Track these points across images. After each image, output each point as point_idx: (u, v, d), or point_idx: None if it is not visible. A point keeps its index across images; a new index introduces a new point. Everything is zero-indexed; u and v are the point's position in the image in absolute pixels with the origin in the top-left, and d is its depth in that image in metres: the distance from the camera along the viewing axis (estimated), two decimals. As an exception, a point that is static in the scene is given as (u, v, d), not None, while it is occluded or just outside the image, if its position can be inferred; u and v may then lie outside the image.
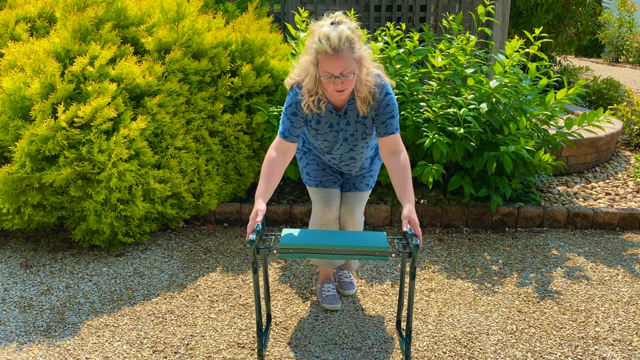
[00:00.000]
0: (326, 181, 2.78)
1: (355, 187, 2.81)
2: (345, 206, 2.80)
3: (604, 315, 2.87)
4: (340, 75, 2.28)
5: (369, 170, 2.83)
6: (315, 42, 2.28)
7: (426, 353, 2.54)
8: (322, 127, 2.57)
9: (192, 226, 3.86)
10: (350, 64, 2.27)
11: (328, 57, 2.25)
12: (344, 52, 2.24)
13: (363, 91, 2.41)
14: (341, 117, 2.54)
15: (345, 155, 2.69)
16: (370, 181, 2.84)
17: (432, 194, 4.18)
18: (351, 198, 2.80)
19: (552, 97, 3.79)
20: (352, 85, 2.35)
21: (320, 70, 2.31)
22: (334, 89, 2.34)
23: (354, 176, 2.83)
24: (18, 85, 3.19)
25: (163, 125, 3.53)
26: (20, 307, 2.87)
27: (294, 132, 2.51)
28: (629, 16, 12.92)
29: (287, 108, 2.50)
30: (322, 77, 2.32)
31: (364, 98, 2.43)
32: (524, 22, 7.24)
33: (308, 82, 2.40)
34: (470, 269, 3.33)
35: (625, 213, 3.91)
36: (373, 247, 2.31)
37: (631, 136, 5.87)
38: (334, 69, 2.27)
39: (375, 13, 5.56)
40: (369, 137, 2.62)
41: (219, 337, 2.63)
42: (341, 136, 2.59)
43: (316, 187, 2.78)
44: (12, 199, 3.22)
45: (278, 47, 4.26)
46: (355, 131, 2.57)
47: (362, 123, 2.55)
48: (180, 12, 3.78)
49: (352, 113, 2.52)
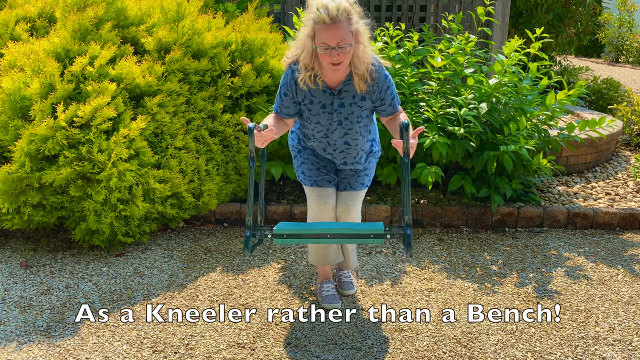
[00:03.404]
0: (321, 180, 2.77)
1: (351, 187, 2.80)
2: (341, 205, 2.80)
3: (604, 315, 2.86)
4: (336, 47, 2.29)
5: (364, 169, 2.82)
6: (313, 12, 2.29)
7: (426, 353, 2.54)
8: (314, 108, 2.57)
9: (192, 226, 3.86)
10: (347, 35, 2.29)
11: (325, 26, 2.26)
12: (341, 22, 2.26)
13: (361, 68, 2.42)
14: (335, 97, 2.53)
15: (340, 141, 2.66)
16: (365, 180, 2.83)
17: (432, 194, 4.18)
18: (347, 197, 2.80)
19: (553, 97, 3.79)
20: (348, 59, 2.36)
21: (317, 41, 2.32)
22: (329, 61, 2.34)
23: (350, 175, 2.81)
24: (18, 85, 3.19)
25: (163, 125, 3.53)
26: (20, 307, 2.87)
27: (284, 110, 2.60)
28: (629, 16, 12.92)
29: (281, 87, 2.57)
30: (318, 49, 2.33)
31: (361, 75, 2.45)
32: (524, 22, 7.24)
33: (304, 56, 2.42)
34: (470, 269, 3.33)
35: (625, 213, 3.91)
36: (368, 229, 2.33)
37: (631, 136, 5.87)
38: (331, 40, 2.28)
39: (375, 13, 5.56)
40: (364, 121, 2.61)
41: (219, 337, 2.63)
42: (335, 118, 2.58)
43: (311, 187, 2.78)
44: (12, 198, 3.22)
45: (278, 47, 4.26)
46: (350, 114, 2.57)
47: (357, 105, 2.55)
48: (180, 12, 3.78)
49: (347, 94, 2.52)
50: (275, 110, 2.63)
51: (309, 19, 2.33)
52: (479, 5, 5.43)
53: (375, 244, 2.41)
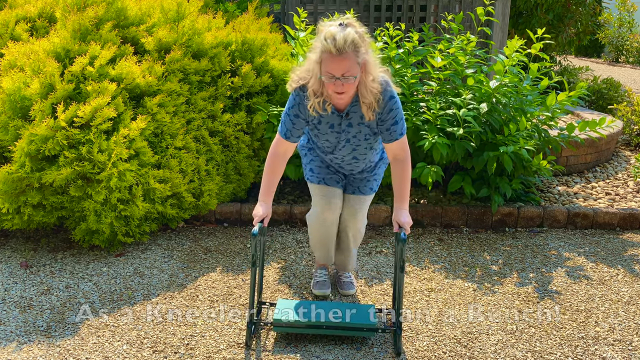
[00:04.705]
0: (329, 179, 2.77)
1: (360, 191, 2.81)
2: (348, 209, 2.80)
3: (604, 315, 2.86)
4: (341, 77, 2.29)
5: (373, 175, 2.82)
6: (321, 41, 2.30)
7: (426, 353, 2.54)
8: (323, 127, 2.57)
9: (192, 226, 3.86)
10: (352, 67, 2.28)
11: (331, 56, 2.26)
12: (347, 54, 2.25)
13: (368, 97, 2.40)
14: (343, 118, 2.54)
15: (348, 157, 2.69)
16: (374, 185, 2.84)
17: (432, 194, 4.18)
18: (354, 201, 2.80)
19: (553, 98, 3.79)
20: (353, 89, 2.37)
21: (323, 70, 2.32)
22: (334, 90, 2.34)
23: (358, 179, 2.82)
24: (18, 85, 3.19)
25: (163, 125, 3.53)
26: (20, 307, 2.87)
27: (295, 133, 2.55)
28: (629, 16, 12.92)
29: (290, 109, 2.51)
30: (323, 77, 2.33)
31: (369, 104, 2.43)
32: (524, 22, 7.24)
33: (313, 82, 2.41)
34: (470, 269, 3.33)
35: (625, 213, 3.91)
36: (362, 323, 2.56)
37: (631, 136, 5.87)
38: (336, 70, 2.28)
39: (375, 13, 5.56)
40: (372, 139, 2.60)
41: (219, 337, 2.63)
42: (343, 137, 2.59)
43: (318, 184, 2.78)
44: (12, 198, 3.22)
45: (278, 47, 4.26)
46: (358, 132, 2.57)
47: (366, 125, 2.54)
48: (180, 12, 3.78)
49: (355, 115, 2.51)
50: (284, 135, 2.55)
51: (316, 47, 2.34)
52: (479, 5, 5.44)
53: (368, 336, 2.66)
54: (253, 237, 2.43)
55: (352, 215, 2.80)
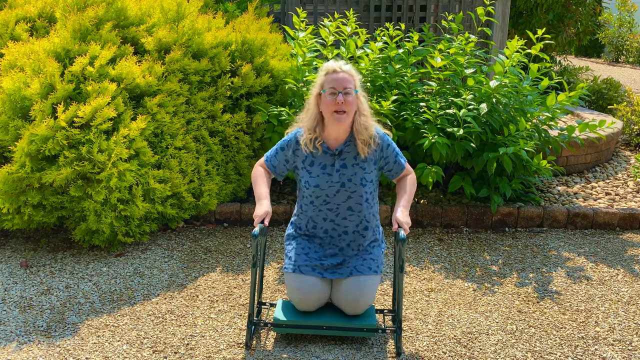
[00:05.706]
0: (304, 267, 2.57)
1: (357, 270, 2.56)
2: (348, 295, 2.53)
3: (604, 315, 2.87)
4: (342, 91, 2.47)
5: (369, 253, 2.63)
6: (322, 69, 2.57)
7: (426, 353, 2.54)
8: (314, 170, 2.59)
9: (192, 226, 3.87)
10: (352, 84, 2.53)
11: (333, 74, 2.52)
12: (347, 73, 2.53)
13: (363, 133, 2.57)
14: (336, 157, 2.58)
15: (343, 206, 2.57)
16: (372, 264, 2.59)
17: (432, 194, 4.18)
18: (353, 285, 2.54)
19: (553, 98, 3.79)
20: (352, 109, 2.52)
21: (326, 87, 2.52)
22: (334, 109, 2.49)
23: (353, 255, 2.62)
24: (18, 85, 3.19)
25: (163, 125, 3.53)
26: (20, 307, 2.87)
27: (273, 162, 2.70)
28: (629, 16, 12.93)
29: (282, 141, 2.70)
30: (325, 92, 2.50)
31: (364, 140, 2.57)
32: (524, 22, 7.24)
33: (308, 118, 2.61)
34: (470, 269, 3.33)
35: (625, 213, 3.91)
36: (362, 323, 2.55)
37: (631, 136, 5.88)
38: (338, 84, 2.49)
39: (375, 13, 5.56)
40: (368, 185, 2.58)
41: (219, 337, 2.63)
42: (336, 180, 2.55)
43: (293, 273, 2.57)
44: (12, 199, 3.22)
45: (278, 47, 4.26)
46: (353, 175, 2.57)
47: (360, 167, 2.58)
48: (180, 12, 3.78)
49: (349, 155, 2.59)
50: (266, 158, 2.73)
51: (319, 77, 2.57)
52: (479, 6, 5.44)
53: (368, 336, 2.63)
54: (253, 238, 2.43)
55: (351, 306, 2.55)
